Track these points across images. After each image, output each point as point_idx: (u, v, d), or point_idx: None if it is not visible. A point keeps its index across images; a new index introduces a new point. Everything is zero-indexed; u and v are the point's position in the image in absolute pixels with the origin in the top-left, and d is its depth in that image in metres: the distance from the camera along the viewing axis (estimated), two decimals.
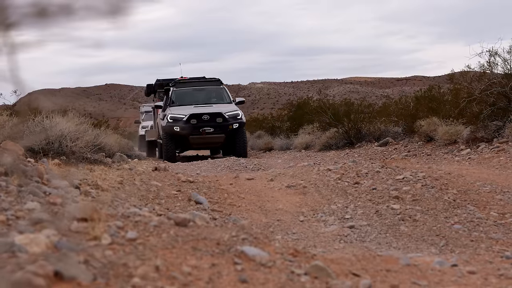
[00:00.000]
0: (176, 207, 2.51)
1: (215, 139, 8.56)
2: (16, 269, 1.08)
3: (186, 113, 8.59)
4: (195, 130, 8.51)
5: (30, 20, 1.14)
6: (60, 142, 4.09)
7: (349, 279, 1.45)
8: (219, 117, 8.57)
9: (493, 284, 1.57)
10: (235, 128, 8.60)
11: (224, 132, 8.56)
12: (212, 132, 8.53)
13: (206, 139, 8.55)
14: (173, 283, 1.20)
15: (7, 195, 1.57)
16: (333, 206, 2.87)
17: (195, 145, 8.78)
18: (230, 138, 8.63)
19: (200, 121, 8.52)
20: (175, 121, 8.59)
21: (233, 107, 8.99)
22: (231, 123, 8.60)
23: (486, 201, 2.87)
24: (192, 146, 8.88)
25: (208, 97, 9.48)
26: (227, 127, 8.57)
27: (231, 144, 8.73)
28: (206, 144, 8.80)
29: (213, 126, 8.52)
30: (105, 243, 1.32)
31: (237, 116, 8.73)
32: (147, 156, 10.29)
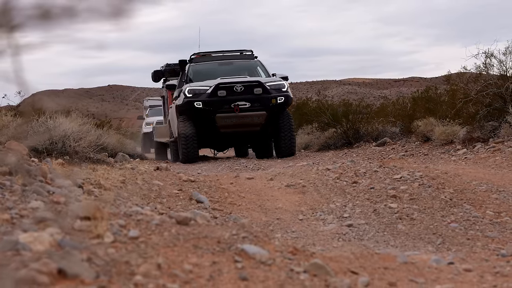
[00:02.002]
0: (177, 206, 2.53)
1: (252, 118, 5.97)
2: (20, 266, 1.09)
3: (211, 83, 6.12)
4: (225, 106, 5.92)
5: (34, 22, 1.16)
6: (63, 142, 4.12)
7: (347, 276, 1.47)
8: (258, 86, 6.00)
9: (489, 281, 1.59)
10: (280, 105, 6.04)
11: (265, 108, 6.00)
12: (249, 108, 5.93)
13: (240, 119, 5.93)
14: (174, 281, 1.22)
15: (12, 194, 1.58)
16: (331, 205, 2.89)
17: (225, 128, 6.04)
18: (272, 121, 6.07)
19: (231, 93, 5.96)
20: (195, 95, 6.03)
21: (275, 78, 6.54)
22: (275, 95, 6.06)
23: (482, 200, 2.90)
24: (219, 130, 6.08)
25: (238, 71, 6.85)
26: (269, 101, 6.00)
27: (272, 132, 6.11)
28: (240, 127, 6.05)
29: (250, 100, 5.95)
30: (107, 241, 1.33)
31: (282, 88, 6.18)
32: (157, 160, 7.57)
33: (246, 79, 6.33)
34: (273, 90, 6.19)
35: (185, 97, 6.19)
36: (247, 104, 6.04)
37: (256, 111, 6.06)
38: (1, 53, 1.16)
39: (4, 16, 1.15)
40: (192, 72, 6.93)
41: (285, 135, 6.13)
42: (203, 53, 7.35)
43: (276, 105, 6.13)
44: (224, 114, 6.04)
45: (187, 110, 6.13)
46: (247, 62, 7.20)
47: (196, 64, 7.09)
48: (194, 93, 6.16)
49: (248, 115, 6.04)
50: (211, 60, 7.15)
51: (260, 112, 6.07)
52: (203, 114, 6.07)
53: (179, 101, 6.37)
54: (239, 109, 6.00)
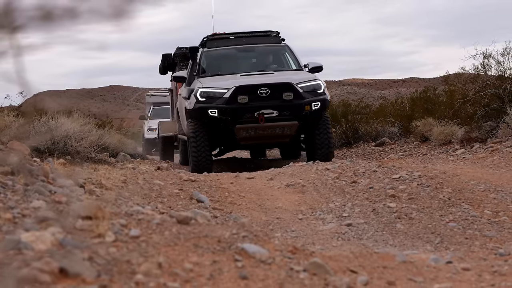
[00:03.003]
0: (178, 206, 2.54)
1: (280, 130, 4.76)
2: (22, 265, 1.10)
3: (229, 85, 4.84)
4: (247, 115, 4.75)
5: (35, 23, 1.17)
6: (65, 142, 4.13)
7: (346, 275, 1.48)
8: (288, 90, 4.77)
9: (487, 280, 1.60)
10: (315, 112, 4.81)
11: (296, 117, 4.78)
12: (276, 118, 4.74)
13: (266, 130, 4.73)
14: (175, 280, 1.23)
15: (14, 194, 1.59)
16: (331, 204, 2.90)
17: (245, 140, 4.85)
18: (306, 129, 4.91)
19: (254, 98, 4.75)
20: (210, 100, 4.83)
21: (308, 74, 5.15)
22: (309, 101, 4.81)
23: (480, 200, 2.91)
24: (239, 143, 4.95)
25: (262, 62, 5.54)
26: (302, 108, 4.78)
27: (306, 139, 5.03)
28: (264, 139, 4.87)
29: (278, 108, 4.74)
30: (109, 241, 1.34)
31: (318, 89, 4.94)
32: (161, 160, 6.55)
33: (273, 79, 4.95)
34: (307, 94, 4.86)
35: (197, 102, 4.89)
36: (274, 112, 4.76)
37: (286, 121, 4.77)
38: (4, 54, 1.17)
39: (6, 17, 1.16)
40: (205, 60, 5.49)
41: (321, 143, 4.93)
42: (219, 34, 5.78)
43: (310, 113, 4.83)
44: (246, 125, 4.77)
45: (199, 117, 4.89)
46: (272, 47, 5.68)
47: (210, 50, 5.54)
48: (208, 97, 4.87)
49: (275, 126, 4.77)
50: (229, 45, 5.62)
51: (291, 122, 4.78)
52: (219, 123, 4.84)
53: (189, 104, 5.05)
54: (264, 119, 4.73)
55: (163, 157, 7.26)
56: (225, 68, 5.45)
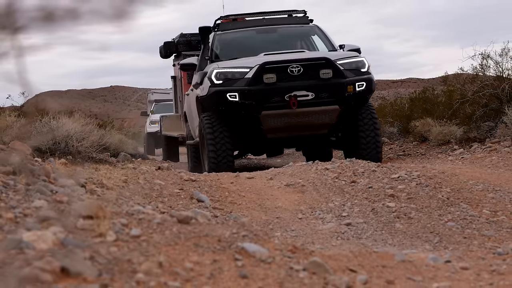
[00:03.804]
0: (178, 205, 2.55)
1: (318, 116, 3.87)
2: (24, 265, 1.11)
3: (252, 63, 4.00)
4: (275, 98, 3.86)
5: (37, 24, 1.18)
6: (66, 142, 4.15)
7: (346, 274, 1.49)
8: (326, 67, 3.89)
9: (485, 279, 1.61)
10: (359, 94, 3.93)
11: (337, 101, 3.92)
12: (312, 101, 3.85)
13: (299, 118, 3.84)
14: (175, 279, 1.24)
15: (15, 193, 1.60)
16: (330, 204, 2.92)
17: (274, 132, 3.94)
18: (346, 119, 3.99)
19: (284, 77, 3.86)
20: (228, 82, 3.92)
21: (347, 52, 4.32)
22: (352, 80, 3.95)
23: (479, 199, 2.93)
24: (265, 137, 4.02)
25: (287, 45, 4.55)
26: (344, 89, 3.90)
27: (345, 134, 4.05)
28: (297, 129, 3.94)
29: (314, 88, 3.86)
30: (110, 240, 1.35)
31: (361, 68, 4.07)
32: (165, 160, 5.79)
33: (306, 54, 4.10)
34: (349, 72, 3.94)
35: (212, 85, 3.96)
36: (309, 95, 3.82)
37: (324, 106, 3.82)
38: (5, 54, 1.17)
39: (8, 18, 1.16)
40: (219, 44, 4.54)
41: (368, 139, 3.95)
42: (234, 16, 4.92)
43: (354, 95, 3.88)
44: (274, 111, 3.81)
45: (215, 105, 3.92)
46: (299, 28, 4.74)
47: (225, 32, 4.65)
48: (226, 78, 3.92)
49: (311, 112, 3.80)
50: (246, 27, 4.69)
51: (330, 107, 3.83)
52: (241, 110, 3.85)
53: (202, 90, 4.12)
54: (297, 102, 3.75)
55: (167, 156, 6.49)
56: (243, 53, 4.42)
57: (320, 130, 4.05)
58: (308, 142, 4.40)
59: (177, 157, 6.55)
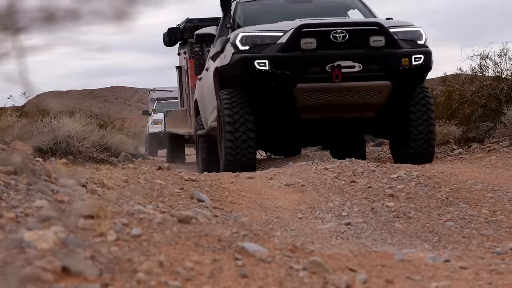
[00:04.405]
0: (179, 205, 2.56)
1: (365, 95, 3.29)
2: (25, 264, 1.12)
3: (287, 26, 3.36)
4: (313, 68, 3.25)
5: (38, 24, 1.19)
6: (67, 142, 4.15)
7: (345, 274, 1.50)
8: (377, 33, 3.28)
9: (484, 278, 1.62)
10: (416, 69, 3.34)
11: (390, 75, 3.31)
12: (359, 74, 3.25)
13: (342, 95, 3.26)
14: (176, 278, 1.24)
15: (17, 193, 1.61)
16: (330, 203, 2.93)
17: (310, 112, 3.33)
18: (398, 100, 3.35)
19: (325, 43, 3.26)
20: (256, 48, 3.29)
21: (399, 21, 3.68)
22: (408, 51, 3.35)
23: (478, 199, 2.94)
24: (298, 115, 3.39)
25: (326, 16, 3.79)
26: (398, 61, 3.31)
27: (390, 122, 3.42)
28: (339, 110, 3.33)
29: (362, 58, 3.26)
30: (110, 240, 1.36)
31: (418, 39, 3.47)
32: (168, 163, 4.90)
33: (352, 19, 3.48)
34: (403, 43, 3.30)
35: (236, 51, 3.28)
36: (355, 66, 3.14)
37: (374, 80, 3.17)
38: (7, 55, 1.18)
39: (9, 19, 1.17)
40: (243, 16, 3.76)
41: (420, 128, 3.30)
42: None
43: (409, 70, 3.25)
44: (312, 84, 3.14)
45: (239, 76, 3.26)
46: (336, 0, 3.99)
47: (250, 2, 3.89)
48: (255, 44, 3.25)
49: (358, 88, 3.14)
50: None
51: (381, 82, 3.18)
52: (271, 82, 3.17)
53: (223, 59, 3.42)
54: (341, 75, 3.09)
55: (171, 157, 5.82)
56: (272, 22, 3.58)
57: (366, 112, 3.27)
58: (350, 128, 3.58)
59: (183, 158, 5.79)
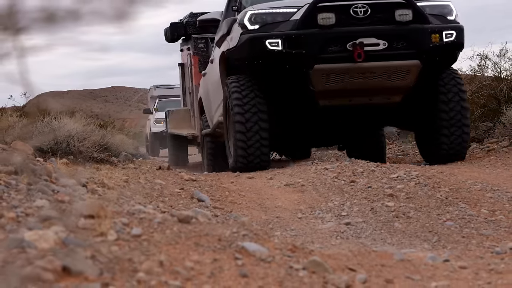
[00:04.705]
0: (179, 205, 2.56)
1: (390, 76, 2.97)
2: (25, 264, 1.12)
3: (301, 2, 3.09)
4: (332, 47, 2.93)
5: (39, 24, 1.19)
6: (68, 142, 4.16)
7: (345, 273, 1.50)
8: (403, 7, 2.99)
9: (483, 278, 1.62)
10: (447, 47, 3.03)
11: (419, 54, 3.02)
12: (384, 53, 2.93)
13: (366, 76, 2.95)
14: (176, 278, 1.25)
15: (17, 193, 1.61)
16: (330, 203, 2.93)
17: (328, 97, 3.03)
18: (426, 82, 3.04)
19: (345, 19, 3.00)
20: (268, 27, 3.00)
21: None
22: (438, 27, 3.05)
23: (477, 199, 2.95)
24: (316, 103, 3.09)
25: None
26: (428, 38, 3.00)
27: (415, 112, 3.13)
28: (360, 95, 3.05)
29: (387, 35, 2.95)
30: (111, 239, 1.36)
31: (448, 14, 3.17)
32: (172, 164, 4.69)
33: None
34: (432, 18, 3.00)
35: (245, 31, 2.98)
36: (380, 43, 2.82)
37: (401, 59, 2.85)
38: (7, 55, 1.18)
39: (10, 19, 1.17)
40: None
41: (452, 120, 2.98)
42: None
43: (440, 48, 2.90)
44: (331, 65, 2.84)
45: (249, 58, 2.96)
46: None
47: None
48: (265, 22, 2.94)
49: (384, 68, 2.81)
50: None
51: (410, 61, 2.87)
52: (285, 64, 2.87)
53: (230, 41, 3.12)
54: (363, 54, 2.78)
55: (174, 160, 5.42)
56: None
57: (391, 97, 2.89)
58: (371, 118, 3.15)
59: (186, 160, 5.52)
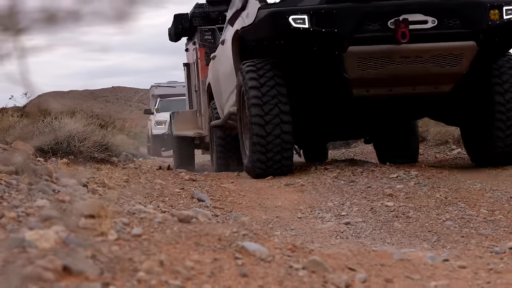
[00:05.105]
0: (179, 205, 2.57)
1: (441, 60, 2.45)
2: (26, 263, 1.12)
3: None
4: (370, 25, 2.42)
5: (39, 25, 1.19)
6: (68, 142, 4.17)
7: (345, 273, 1.50)
8: None
9: (482, 278, 1.63)
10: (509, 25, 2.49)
11: (474, 34, 2.47)
12: (433, 32, 2.41)
13: (411, 61, 2.44)
14: (176, 277, 1.25)
15: (18, 193, 1.62)
16: (329, 203, 2.94)
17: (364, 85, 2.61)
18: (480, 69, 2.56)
19: None
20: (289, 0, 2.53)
21: None
22: (497, 1, 2.55)
23: (476, 199, 2.95)
24: (350, 94, 2.66)
25: None
26: (485, 15, 2.48)
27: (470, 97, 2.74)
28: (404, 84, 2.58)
29: (436, 11, 2.42)
30: (111, 239, 1.36)
31: None
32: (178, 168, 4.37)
33: None
34: None
35: (262, 6, 2.58)
36: (428, 20, 2.40)
37: (454, 40, 2.45)
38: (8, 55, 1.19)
39: (10, 20, 1.18)
40: None
41: (509, 113, 2.69)
42: None
43: (500, 26, 2.53)
44: (369, 47, 2.45)
45: (269, 38, 2.54)
46: None
47: None
48: None
49: (432, 50, 2.43)
50: None
51: (465, 42, 2.46)
52: (312, 46, 2.48)
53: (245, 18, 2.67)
54: (408, 33, 2.39)
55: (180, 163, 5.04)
56: None
57: (440, 86, 2.46)
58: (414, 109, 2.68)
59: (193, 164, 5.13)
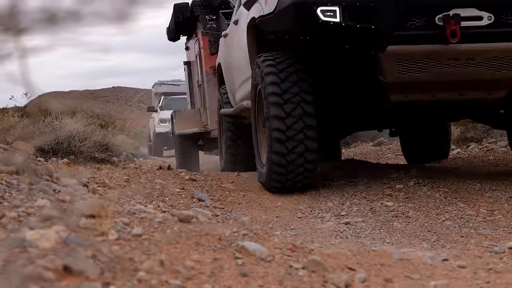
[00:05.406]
0: (179, 204, 2.58)
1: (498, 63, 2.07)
2: (27, 263, 1.13)
3: None
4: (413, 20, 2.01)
5: (40, 25, 1.20)
6: (69, 142, 4.17)
7: (345, 273, 1.51)
8: None
9: (482, 277, 1.63)
10: None
11: None
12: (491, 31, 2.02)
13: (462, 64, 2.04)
14: (177, 277, 1.25)
15: (19, 193, 1.62)
16: (329, 203, 2.94)
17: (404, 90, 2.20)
18: None
19: None
20: None
21: None
22: None
23: (476, 199, 2.96)
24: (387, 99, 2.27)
25: None
26: None
27: None
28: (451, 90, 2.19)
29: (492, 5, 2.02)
30: (112, 239, 1.37)
31: None
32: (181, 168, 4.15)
33: None
34: None
35: None
36: (483, 16, 2.14)
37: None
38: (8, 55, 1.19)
39: (11, 20, 1.18)
40: None
41: None
42: None
43: None
44: (412, 46, 2.20)
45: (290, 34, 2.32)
46: None
47: None
48: None
49: (488, 51, 2.18)
50: None
51: None
52: (344, 44, 2.27)
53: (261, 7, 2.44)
54: (459, 31, 2.10)
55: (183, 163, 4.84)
56: None
57: (493, 92, 2.24)
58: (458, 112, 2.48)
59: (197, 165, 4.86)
